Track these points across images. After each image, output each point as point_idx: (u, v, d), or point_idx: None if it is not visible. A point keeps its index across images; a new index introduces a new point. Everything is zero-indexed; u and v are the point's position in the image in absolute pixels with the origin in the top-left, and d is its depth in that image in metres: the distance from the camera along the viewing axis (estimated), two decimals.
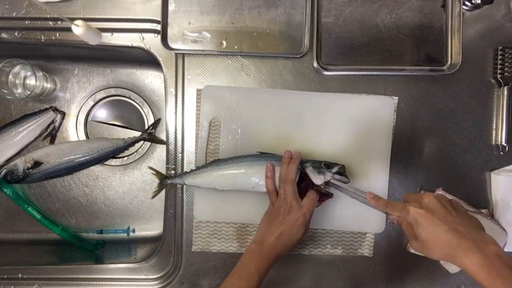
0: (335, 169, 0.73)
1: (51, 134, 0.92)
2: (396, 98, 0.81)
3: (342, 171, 0.74)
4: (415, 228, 0.58)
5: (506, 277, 0.49)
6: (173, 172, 0.81)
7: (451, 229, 0.54)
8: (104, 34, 0.76)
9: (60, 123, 0.92)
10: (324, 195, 0.73)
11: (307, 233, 0.70)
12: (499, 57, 0.80)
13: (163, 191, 0.82)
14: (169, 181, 0.79)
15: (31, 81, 0.88)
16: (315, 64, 0.80)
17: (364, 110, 0.80)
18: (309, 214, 0.68)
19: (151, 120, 0.95)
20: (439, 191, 0.81)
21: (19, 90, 0.88)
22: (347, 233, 0.81)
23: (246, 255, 0.66)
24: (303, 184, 0.73)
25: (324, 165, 0.73)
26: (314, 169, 0.73)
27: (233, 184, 0.76)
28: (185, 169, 0.81)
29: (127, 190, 0.95)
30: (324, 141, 0.80)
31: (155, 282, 0.82)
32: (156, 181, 0.80)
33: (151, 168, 0.80)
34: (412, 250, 0.78)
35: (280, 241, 0.66)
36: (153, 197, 0.81)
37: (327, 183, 0.73)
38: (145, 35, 0.81)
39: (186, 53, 0.81)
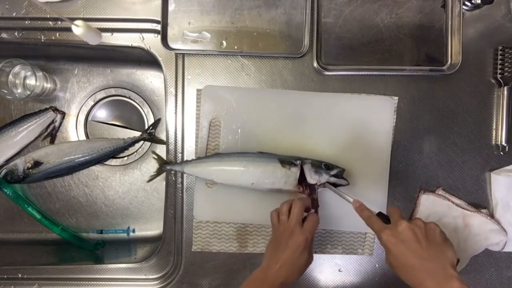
0: (333, 172, 0.73)
1: (51, 134, 0.92)
2: (396, 98, 0.81)
3: (340, 174, 0.74)
4: (386, 253, 0.60)
5: None
6: (173, 172, 0.81)
7: (417, 266, 0.56)
8: (104, 34, 0.76)
9: (60, 123, 0.92)
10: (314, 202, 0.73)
11: (311, 255, 0.67)
12: (499, 57, 0.80)
13: (163, 190, 0.82)
14: (168, 167, 0.79)
15: (31, 81, 0.88)
16: (315, 64, 0.80)
17: (364, 110, 0.80)
18: (311, 237, 0.66)
19: (151, 120, 0.95)
20: (439, 191, 0.81)
21: (19, 90, 0.88)
22: (347, 233, 0.81)
23: (250, 283, 0.64)
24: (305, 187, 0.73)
25: (324, 166, 0.73)
26: (312, 167, 0.73)
27: (232, 179, 0.76)
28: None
29: (127, 190, 0.95)
30: (324, 141, 0.80)
31: (155, 282, 0.82)
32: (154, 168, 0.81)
33: (153, 152, 0.81)
34: None
35: (284, 268, 0.63)
36: (149, 180, 0.81)
37: (322, 184, 0.73)
38: (145, 35, 0.81)
39: (186, 53, 0.81)
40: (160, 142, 0.92)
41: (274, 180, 0.74)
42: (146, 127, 0.94)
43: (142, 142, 0.93)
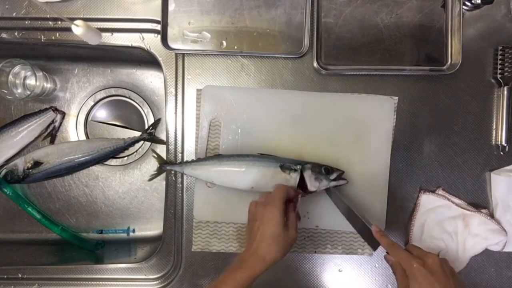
0: (333, 176, 0.73)
1: (51, 134, 0.92)
2: (396, 98, 0.81)
3: (339, 177, 0.74)
4: (411, 282, 0.60)
5: None
6: (173, 172, 0.81)
7: None
8: (104, 34, 0.76)
9: (60, 123, 0.92)
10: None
11: (292, 228, 0.65)
12: (499, 57, 0.80)
13: (163, 190, 0.82)
14: (168, 167, 0.79)
15: (31, 81, 0.88)
16: (315, 64, 0.80)
17: (364, 110, 0.80)
18: (280, 204, 0.65)
19: (151, 120, 0.95)
20: (439, 191, 0.81)
21: (19, 90, 0.88)
22: (347, 233, 0.81)
23: (231, 266, 0.64)
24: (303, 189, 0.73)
25: (324, 170, 0.73)
26: (312, 174, 0.72)
27: (232, 182, 0.76)
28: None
29: (127, 190, 0.95)
30: (324, 141, 0.80)
31: (155, 282, 0.82)
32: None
33: (153, 151, 0.82)
34: None
35: (263, 245, 0.63)
36: (150, 179, 0.81)
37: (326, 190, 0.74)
38: (145, 35, 0.81)
39: (186, 53, 0.81)
40: (160, 142, 0.92)
41: (273, 184, 0.73)
42: (146, 127, 0.94)
43: (142, 142, 0.93)
